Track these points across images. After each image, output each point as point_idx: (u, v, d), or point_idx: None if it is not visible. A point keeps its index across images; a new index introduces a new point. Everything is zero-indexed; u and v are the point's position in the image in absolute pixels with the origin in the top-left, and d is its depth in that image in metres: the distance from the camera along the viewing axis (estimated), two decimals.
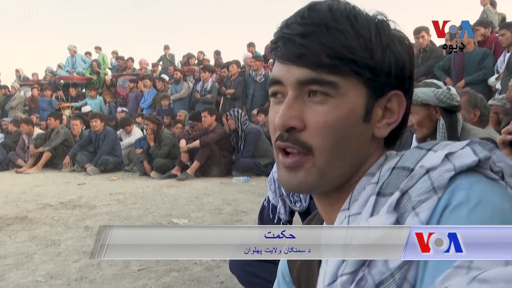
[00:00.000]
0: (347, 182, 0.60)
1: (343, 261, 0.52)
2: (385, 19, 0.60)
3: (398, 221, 0.49)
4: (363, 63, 0.56)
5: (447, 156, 0.51)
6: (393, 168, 0.55)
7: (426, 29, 5.87)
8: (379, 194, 0.53)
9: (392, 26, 0.60)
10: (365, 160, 0.60)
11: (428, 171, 0.50)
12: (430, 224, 0.47)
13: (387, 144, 0.63)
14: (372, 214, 0.52)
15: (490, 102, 3.09)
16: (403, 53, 0.59)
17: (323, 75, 0.55)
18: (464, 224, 0.44)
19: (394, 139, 0.63)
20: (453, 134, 1.88)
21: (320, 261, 0.62)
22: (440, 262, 0.44)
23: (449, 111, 1.89)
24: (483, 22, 5.84)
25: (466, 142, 0.54)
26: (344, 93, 0.56)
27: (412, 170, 0.52)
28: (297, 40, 0.55)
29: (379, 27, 0.58)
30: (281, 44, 0.57)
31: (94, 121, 6.90)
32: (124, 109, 9.33)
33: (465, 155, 0.51)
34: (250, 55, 8.61)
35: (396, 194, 0.50)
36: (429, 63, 5.75)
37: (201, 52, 10.86)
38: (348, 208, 0.57)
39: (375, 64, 0.56)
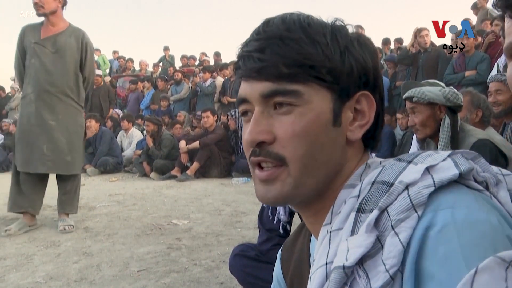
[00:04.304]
0: (327, 191, 0.59)
1: (327, 279, 0.51)
2: (342, 24, 0.60)
3: (379, 240, 0.47)
4: (322, 68, 0.56)
5: (428, 169, 0.50)
6: (373, 182, 0.53)
7: (427, 29, 5.87)
8: (359, 210, 0.51)
9: (351, 29, 0.61)
10: (342, 166, 0.59)
11: (407, 187, 0.49)
12: (411, 244, 0.45)
13: (368, 147, 0.62)
14: (352, 232, 0.50)
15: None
16: (363, 53, 0.59)
17: (285, 85, 0.55)
18: (456, 245, 0.43)
19: (373, 141, 0.62)
20: (455, 134, 1.89)
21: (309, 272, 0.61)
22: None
23: (453, 111, 1.90)
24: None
25: (448, 153, 0.53)
26: (309, 100, 0.56)
27: (391, 185, 0.50)
28: (255, 55, 0.56)
29: (335, 31, 0.58)
30: (242, 63, 0.58)
31: (88, 121, 6.87)
32: (118, 110, 9.36)
33: (446, 168, 0.50)
34: None
35: (375, 212, 0.48)
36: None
37: (203, 53, 10.89)
38: (330, 222, 0.56)
39: (335, 67, 0.56)
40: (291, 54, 0.55)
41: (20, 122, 3.33)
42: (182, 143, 6.13)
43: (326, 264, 0.52)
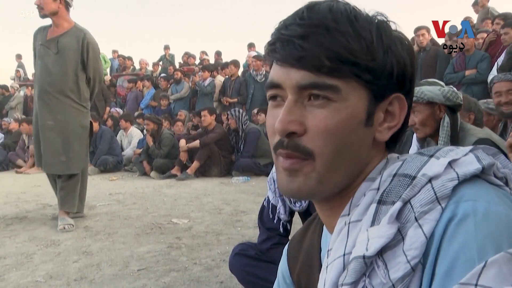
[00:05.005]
0: (348, 187, 0.58)
1: (344, 270, 0.51)
2: (385, 19, 0.58)
3: (399, 232, 0.48)
4: (364, 66, 0.54)
5: (450, 164, 0.50)
6: (395, 175, 0.53)
7: (426, 28, 5.82)
8: (380, 202, 0.52)
9: (393, 26, 0.59)
10: (366, 165, 0.58)
11: (430, 180, 0.49)
12: (434, 235, 0.46)
13: (387, 147, 0.62)
14: (373, 223, 0.51)
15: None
16: (404, 55, 0.57)
17: (324, 79, 0.53)
18: (473, 236, 0.43)
19: (395, 142, 0.62)
20: (455, 133, 1.89)
21: (320, 266, 0.61)
22: (446, 278, 0.43)
23: (452, 110, 1.90)
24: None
25: (469, 148, 0.53)
26: (345, 97, 0.54)
27: (414, 178, 0.51)
28: (297, 41, 0.53)
29: (380, 28, 0.56)
30: (280, 46, 0.55)
31: None
32: (118, 109, 9.36)
33: (469, 162, 0.50)
34: (254, 53, 8.55)
35: (398, 204, 0.49)
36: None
37: (203, 52, 10.88)
38: (348, 214, 0.56)
39: (377, 66, 0.55)
40: (335, 47, 0.53)
41: (32, 121, 3.58)
42: (182, 142, 6.13)
43: (344, 255, 0.52)
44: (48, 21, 3.38)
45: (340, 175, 0.57)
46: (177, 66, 10.62)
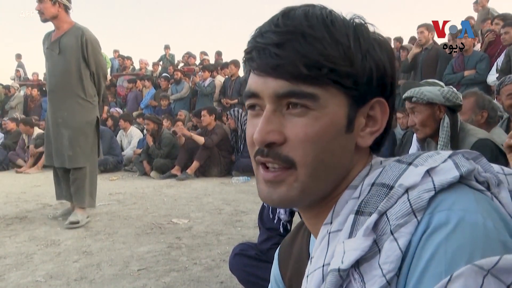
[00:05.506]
0: (331, 194, 0.58)
1: (323, 282, 0.50)
2: (363, 22, 0.56)
3: (375, 243, 0.47)
4: (342, 72, 0.53)
5: (429, 172, 0.49)
6: (373, 184, 0.53)
7: (426, 26, 5.77)
8: (358, 212, 0.51)
9: (371, 29, 0.57)
10: (349, 171, 0.58)
11: (407, 190, 0.48)
12: (409, 249, 0.45)
13: (372, 150, 0.61)
14: (350, 234, 0.50)
15: None
16: (384, 58, 0.56)
17: (301, 87, 0.52)
18: (442, 249, 0.42)
19: (379, 146, 0.61)
20: (455, 133, 1.89)
21: None
22: None
23: (452, 110, 1.90)
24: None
25: (448, 153, 0.52)
26: (324, 104, 0.53)
27: (391, 188, 0.50)
28: (272, 50, 0.52)
29: (357, 32, 0.55)
30: (256, 55, 0.54)
31: None
32: (118, 109, 9.36)
33: (447, 170, 0.49)
34: None
35: (374, 216, 0.48)
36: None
37: (203, 53, 10.88)
38: (331, 222, 0.55)
39: (355, 71, 0.53)
40: (312, 54, 0.52)
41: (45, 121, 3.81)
42: (185, 130, 6.15)
43: (323, 266, 0.52)
44: (50, 25, 3.48)
45: (322, 183, 0.56)
46: (180, 64, 10.62)
